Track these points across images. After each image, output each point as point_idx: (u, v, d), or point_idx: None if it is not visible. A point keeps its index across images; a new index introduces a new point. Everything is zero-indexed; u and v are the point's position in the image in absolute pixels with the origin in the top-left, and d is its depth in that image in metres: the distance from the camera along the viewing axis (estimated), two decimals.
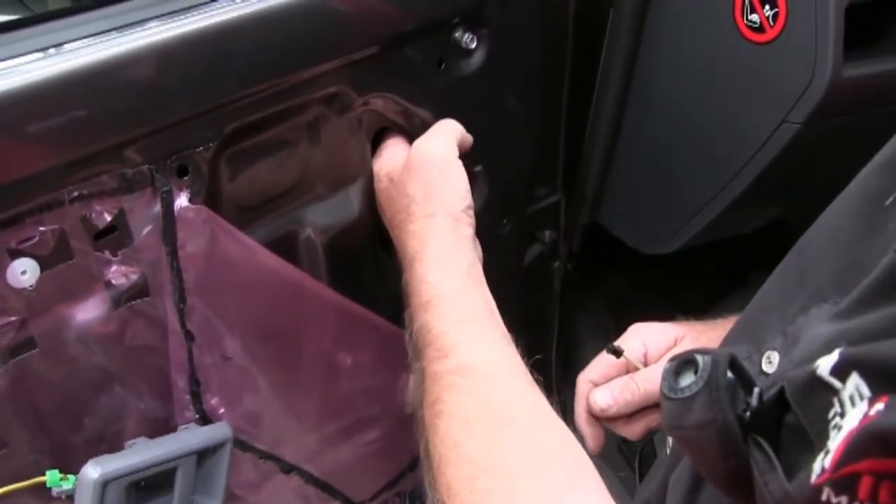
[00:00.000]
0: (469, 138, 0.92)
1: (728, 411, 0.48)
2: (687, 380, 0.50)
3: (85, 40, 0.69)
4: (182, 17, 0.73)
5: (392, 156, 0.93)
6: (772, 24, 0.90)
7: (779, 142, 0.95)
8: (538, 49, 1.04)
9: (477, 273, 0.83)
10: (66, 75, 0.67)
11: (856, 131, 0.97)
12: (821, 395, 0.45)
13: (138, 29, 0.71)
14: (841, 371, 0.43)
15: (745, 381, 0.50)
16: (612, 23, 1.05)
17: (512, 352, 0.77)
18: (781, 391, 0.49)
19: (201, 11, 0.74)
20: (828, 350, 0.45)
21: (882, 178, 0.62)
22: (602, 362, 0.91)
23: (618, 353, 0.88)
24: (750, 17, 0.92)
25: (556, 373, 1.42)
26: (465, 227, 0.85)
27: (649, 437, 1.35)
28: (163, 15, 0.73)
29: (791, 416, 0.48)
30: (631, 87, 1.09)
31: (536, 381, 0.75)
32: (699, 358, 0.50)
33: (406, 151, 0.91)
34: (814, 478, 0.41)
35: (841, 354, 0.44)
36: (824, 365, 0.45)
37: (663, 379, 0.51)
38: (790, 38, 0.89)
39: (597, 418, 0.90)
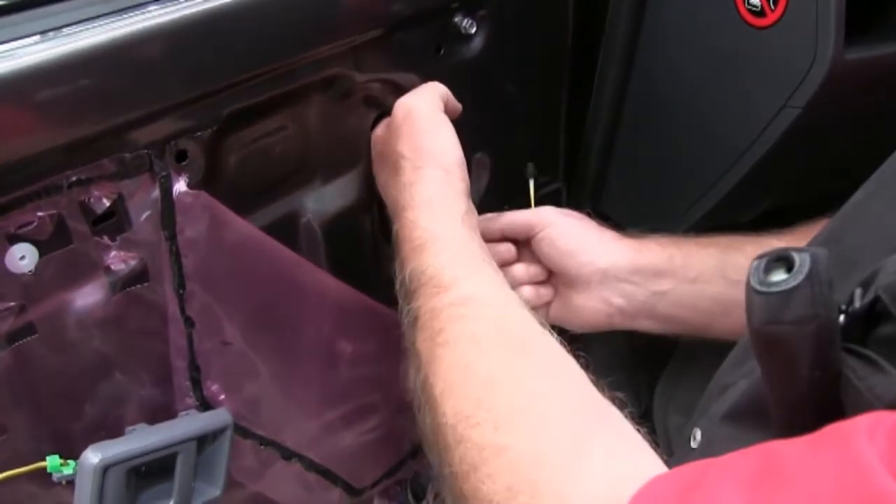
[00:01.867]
0: (455, 104, 0.91)
1: (833, 307, 0.45)
2: (778, 277, 0.47)
3: (85, 23, 0.69)
4: (182, 0, 0.73)
5: (386, 122, 0.92)
6: (773, 7, 0.90)
7: (780, 126, 0.94)
8: (538, 35, 1.03)
9: (471, 222, 0.82)
10: (65, 58, 0.66)
11: (858, 116, 0.97)
12: None
13: (138, 12, 0.71)
14: None
15: (833, 287, 0.47)
16: (612, 8, 1.04)
17: (513, 291, 0.76)
18: (872, 303, 0.46)
19: None
20: None
21: None
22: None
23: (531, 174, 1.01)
24: (751, 1, 0.92)
25: None
26: (458, 180, 0.83)
27: (648, 417, 1.35)
28: None
29: (886, 328, 0.46)
30: (631, 73, 1.09)
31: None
32: (795, 255, 0.46)
33: None
34: None
35: None
36: None
37: (751, 273, 0.48)
38: (791, 22, 0.89)
39: None
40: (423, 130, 0.84)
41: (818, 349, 0.46)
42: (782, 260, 0.47)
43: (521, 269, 0.96)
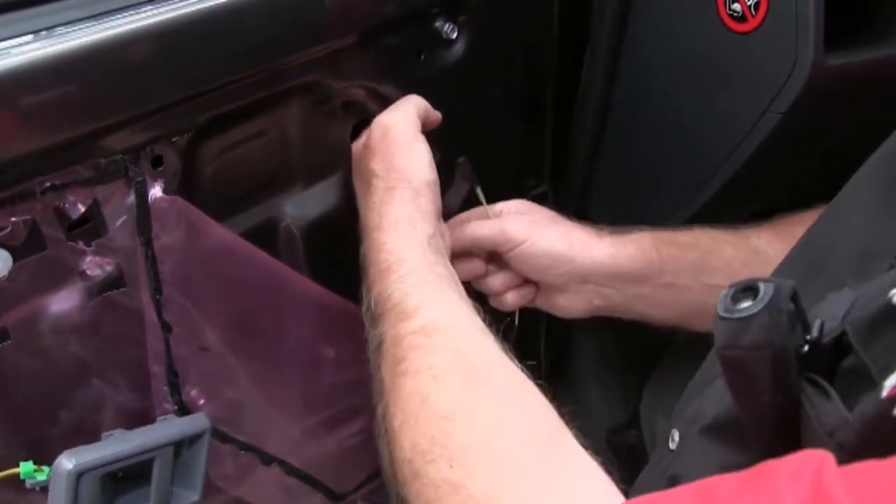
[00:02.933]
0: (435, 115, 0.91)
1: (787, 337, 0.46)
2: (744, 304, 0.48)
3: (60, 28, 0.69)
4: (158, 5, 0.73)
5: (365, 138, 0.92)
6: (753, 13, 0.90)
7: (762, 131, 0.94)
8: (521, 40, 1.03)
9: (437, 244, 0.82)
10: (40, 62, 0.66)
11: (840, 120, 0.97)
12: (891, 327, 0.44)
13: (114, 17, 0.71)
14: None
15: (802, 317, 0.48)
16: (595, 12, 1.04)
17: (477, 317, 0.75)
18: (841, 336, 0.47)
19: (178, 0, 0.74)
20: None
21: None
22: (480, 212, 0.98)
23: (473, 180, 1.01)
24: (732, 7, 0.92)
25: (544, 372, 1.41)
26: (427, 201, 0.83)
27: (637, 429, 1.35)
28: (139, 3, 0.73)
29: (850, 360, 0.47)
30: (615, 78, 1.09)
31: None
32: (760, 284, 0.48)
33: None
34: (885, 392, 0.40)
35: None
36: None
37: (719, 301, 0.49)
38: (772, 28, 0.89)
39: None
40: (398, 150, 0.84)
41: (775, 375, 0.47)
42: (750, 289, 0.49)
43: (497, 280, 0.96)
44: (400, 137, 0.85)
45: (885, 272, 0.55)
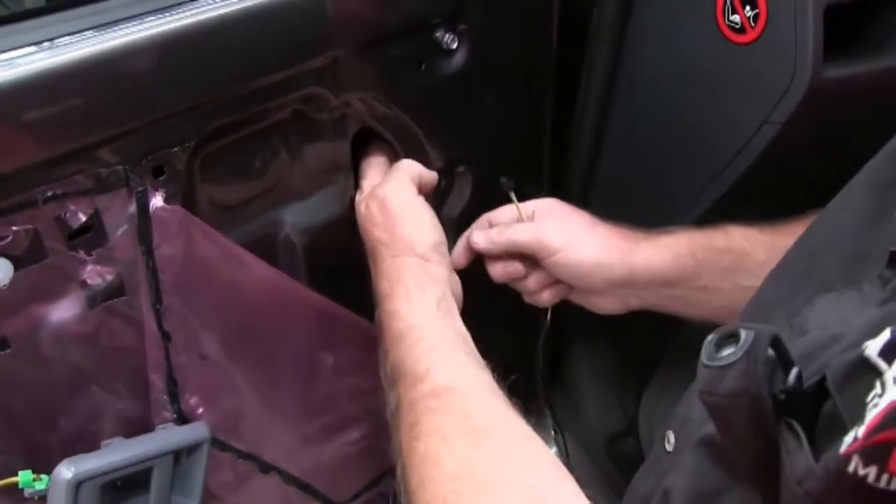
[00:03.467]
0: (431, 175, 0.93)
1: (763, 384, 0.47)
2: (727, 351, 0.49)
3: (62, 38, 0.69)
4: (160, 16, 0.73)
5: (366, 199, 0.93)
6: (753, 25, 0.90)
7: (761, 142, 0.95)
8: (521, 49, 1.03)
9: (447, 306, 0.83)
10: (42, 74, 0.66)
11: (838, 131, 0.97)
12: (863, 377, 0.44)
13: (115, 28, 0.71)
14: (889, 352, 0.43)
15: (785, 363, 0.49)
16: (594, 23, 1.04)
17: (486, 374, 0.77)
18: (822, 380, 0.48)
19: (179, 11, 0.74)
20: (876, 332, 0.45)
21: (891, 167, 0.63)
22: (510, 210, 0.97)
23: (508, 187, 0.99)
24: (731, 18, 0.92)
25: (541, 377, 1.41)
26: (435, 265, 0.85)
27: (635, 436, 1.35)
28: (140, 14, 0.73)
29: (829, 405, 0.47)
30: (614, 87, 1.09)
31: (515, 404, 0.74)
32: (742, 332, 0.49)
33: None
34: (843, 448, 0.41)
35: (892, 333, 0.43)
36: (872, 347, 0.44)
37: (704, 349, 0.51)
38: (771, 39, 0.89)
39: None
40: (398, 219, 0.86)
41: (752, 421, 0.48)
42: (733, 336, 0.50)
43: (532, 280, 0.96)
44: (398, 207, 0.87)
45: (874, 282, 0.55)
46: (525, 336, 1.34)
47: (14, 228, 0.71)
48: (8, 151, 0.67)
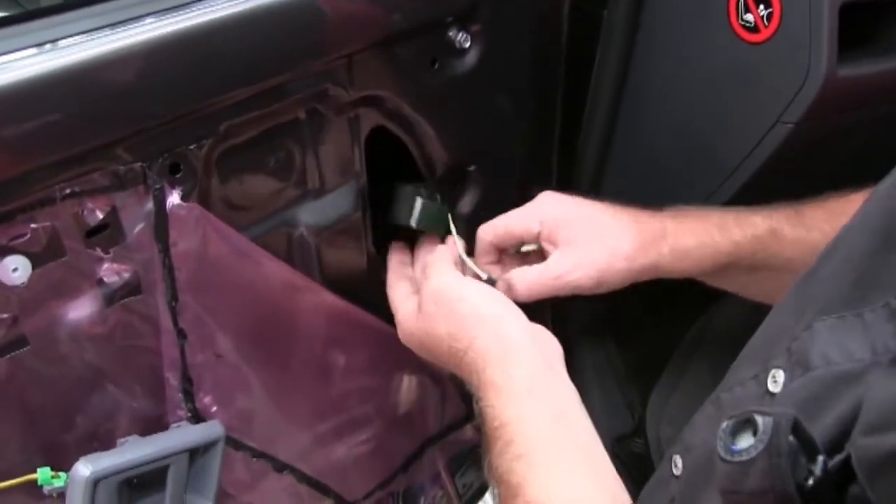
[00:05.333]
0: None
1: (789, 480, 0.45)
2: (744, 441, 0.47)
3: (78, 37, 0.69)
4: (176, 14, 0.73)
5: (406, 309, 0.91)
6: (766, 23, 0.90)
7: (773, 142, 0.95)
8: (533, 49, 1.03)
9: (539, 387, 0.77)
10: (60, 72, 0.66)
11: (851, 132, 0.98)
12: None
13: (132, 26, 0.71)
14: None
15: (807, 445, 0.47)
16: (606, 23, 1.05)
17: (583, 470, 0.72)
18: (847, 459, 0.46)
19: (195, 9, 0.74)
20: None
21: None
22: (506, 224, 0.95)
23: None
24: (744, 17, 0.92)
25: None
26: (507, 335, 0.81)
27: (643, 437, 1.36)
28: (157, 12, 0.73)
29: (857, 488, 0.45)
30: (625, 87, 1.09)
31: None
32: (759, 419, 0.47)
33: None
34: None
35: None
36: None
37: (718, 439, 0.48)
38: (785, 38, 0.89)
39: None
40: (455, 309, 0.84)
41: None
42: (749, 423, 0.48)
43: None
44: (449, 293, 0.85)
45: (878, 311, 0.54)
46: None
47: (32, 226, 0.70)
48: (25, 150, 0.67)
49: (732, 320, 1.28)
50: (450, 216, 1.00)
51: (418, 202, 0.98)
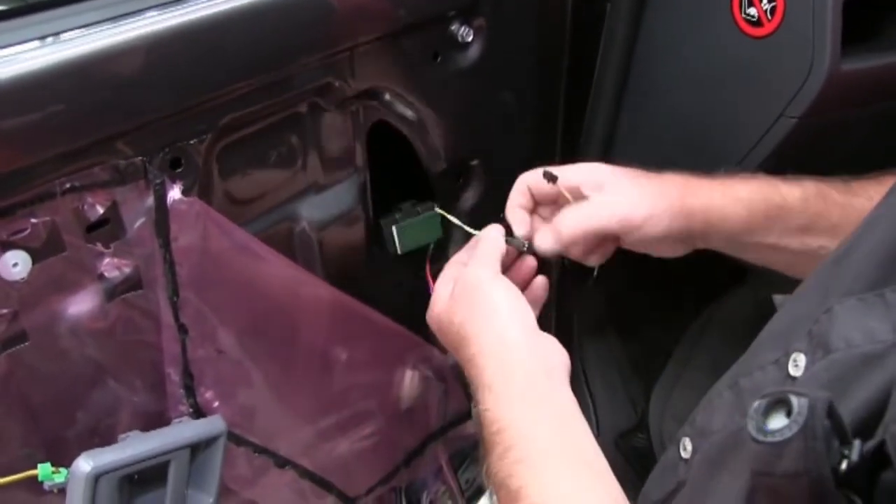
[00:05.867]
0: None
1: (825, 463, 0.44)
2: (777, 422, 0.45)
3: (79, 30, 0.69)
4: (178, 7, 0.73)
5: (440, 293, 0.89)
6: (770, 17, 0.90)
7: (777, 136, 0.94)
8: (535, 43, 1.03)
9: (534, 393, 0.77)
10: (61, 66, 0.66)
11: (854, 126, 0.97)
12: None
13: (133, 19, 0.71)
14: None
15: (839, 429, 0.45)
16: (609, 17, 1.04)
17: (584, 476, 0.72)
18: (881, 445, 0.45)
19: (197, 2, 0.74)
20: None
21: None
22: (547, 191, 0.91)
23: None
24: (748, 11, 0.92)
25: None
26: (510, 338, 0.80)
27: (645, 432, 1.35)
28: (159, 5, 0.73)
29: (890, 474, 0.44)
30: (628, 81, 1.09)
31: None
32: (794, 399, 0.45)
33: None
34: None
35: None
36: None
37: (750, 418, 0.46)
38: (788, 32, 0.89)
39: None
40: (477, 301, 0.83)
41: (813, 500, 0.45)
42: (782, 402, 0.46)
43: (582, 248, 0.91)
44: (477, 285, 0.84)
45: None
46: None
47: (32, 221, 0.70)
48: (25, 145, 0.67)
49: (734, 315, 1.28)
50: (446, 214, 1.00)
51: (394, 230, 0.99)
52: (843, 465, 0.44)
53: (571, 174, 0.89)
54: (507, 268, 0.89)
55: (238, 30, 0.76)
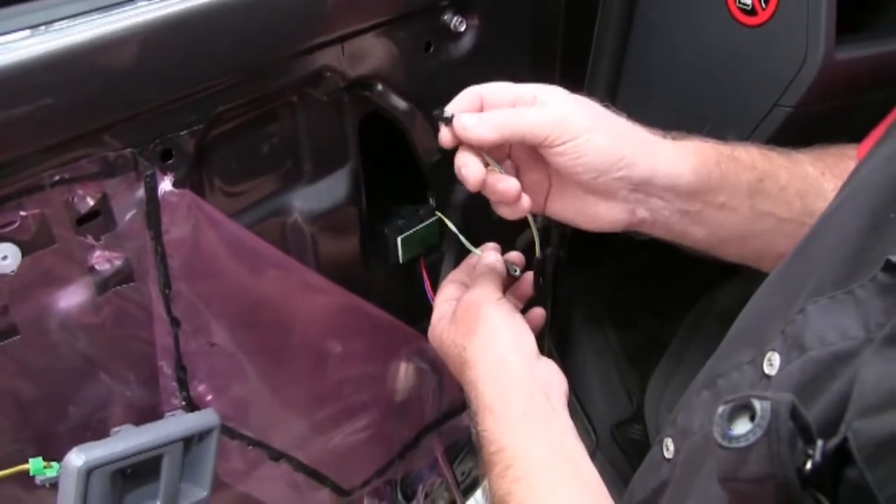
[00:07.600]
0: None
1: (789, 466, 0.44)
2: (742, 427, 0.45)
3: (67, 20, 0.68)
4: None
5: (442, 311, 0.92)
6: (764, 6, 0.89)
7: (771, 125, 0.94)
8: (528, 33, 1.03)
9: (534, 415, 0.79)
10: (52, 55, 0.65)
11: (849, 115, 0.97)
12: None
13: (125, 8, 0.70)
14: None
15: (804, 429, 0.45)
16: (603, 6, 1.04)
17: (581, 495, 0.74)
18: (843, 442, 0.45)
19: None
20: None
21: (888, 169, 0.61)
22: (505, 90, 0.83)
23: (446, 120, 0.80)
24: (742, 0, 0.91)
25: None
26: (509, 362, 0.82)
27: (641, 423, 1.35)
28: None
29: (854, 472, 0.44)
30: (622, 71, 1.08)
31: None
32: (757, 404, 0.45)
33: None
34: None
35: None
36: None
37: (715, 424, 0.47)
38: (782, 21, 0.89)
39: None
40: (477, 325, 0.85)
41: (779, 503, 0.45)
42: (746, 408, 0.46)
43: (513, 182, 0.81)
44: (477, 309, 0.86)
45: (867, 285, 0.54)
46: None
47: (22, 213, 0.70)
48: (14, 136, 0.66)
49: (730, 306, 1.28)
50: (447, 221, 1.00)
51: (398, 242, 1.00)
52: (808, 466, 0.44)
53: (531, 87, 0.83)
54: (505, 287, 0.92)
55: (229, 20, 0.75)
